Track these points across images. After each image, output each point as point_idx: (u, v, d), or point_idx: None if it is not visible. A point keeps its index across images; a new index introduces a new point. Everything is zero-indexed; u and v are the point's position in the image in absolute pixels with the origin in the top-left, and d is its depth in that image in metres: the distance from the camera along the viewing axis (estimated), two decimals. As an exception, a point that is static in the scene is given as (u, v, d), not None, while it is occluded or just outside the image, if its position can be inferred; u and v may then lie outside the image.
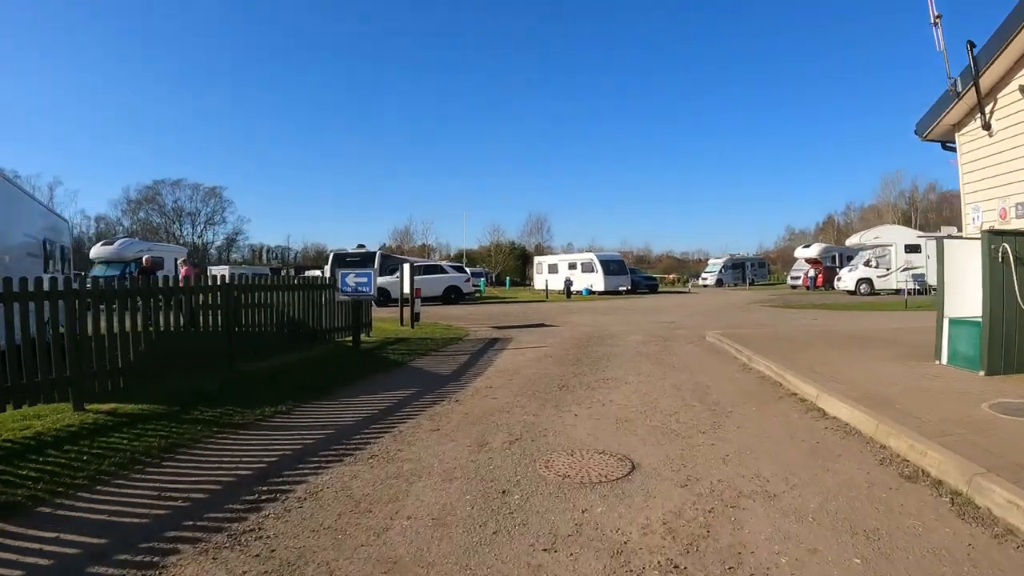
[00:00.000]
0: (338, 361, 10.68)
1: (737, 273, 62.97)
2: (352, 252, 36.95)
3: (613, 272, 42.72)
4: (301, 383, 8.50)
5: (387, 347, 12.77)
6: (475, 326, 17.90)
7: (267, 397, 7.46)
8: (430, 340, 13.87)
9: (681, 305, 28.38)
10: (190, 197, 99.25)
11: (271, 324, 11.12)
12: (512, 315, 22.42)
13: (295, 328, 11.84)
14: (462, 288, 31.67)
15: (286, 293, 11.69)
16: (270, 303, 11.16)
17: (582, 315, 22.33)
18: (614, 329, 16.32)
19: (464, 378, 9.06)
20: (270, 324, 11.08)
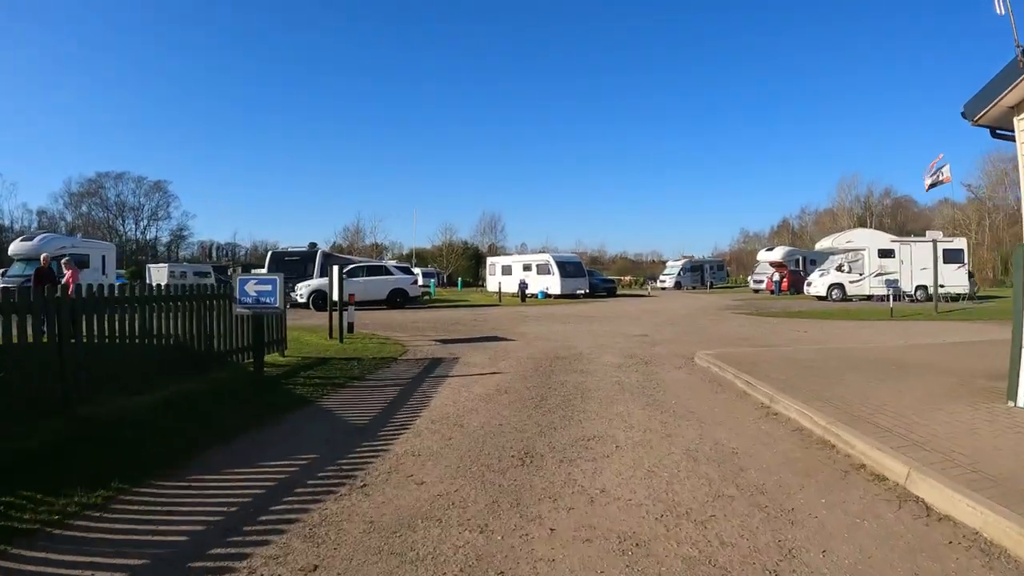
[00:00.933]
0: (226, 398, 7.95)
1: (696, 276, 62.18)
2: (291, 251, 33.95)
3: (570, 274, 40.55)
4: (157, 438, 5.88)
5: (299, 373, 10.07)
6: (417, 339, 15.30)
7: (89, 470, 4.84)
8: (357, 362, 11.21)
9: (646, 311, 26.23)
10: (134, 191, 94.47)
11: (139, 347, 8.41)
12: (462, 324, 19.86)
13: (177, 352, 9.12)
14: (408, 291, 28.98)
15: (163, 307, 8.97)
16: (140, 320, 8.47)
17: (540, 324, 19.92)
18: (580, 345, 13.92)
19: (384, 433, 6.43)
20: (137, 347, 8.37)
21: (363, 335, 16.09)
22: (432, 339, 15.29)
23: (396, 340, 14.88)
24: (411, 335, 16.31)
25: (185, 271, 64.23)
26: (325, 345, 13.62)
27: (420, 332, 17.17)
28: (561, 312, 26.09)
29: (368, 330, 17.63)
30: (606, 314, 24.70)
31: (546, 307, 30.47)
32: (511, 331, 17.33)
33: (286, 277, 27.25)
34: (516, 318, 22.46)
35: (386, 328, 18.38)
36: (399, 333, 16.79)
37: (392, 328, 18.38)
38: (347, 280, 28.11)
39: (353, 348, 13.08)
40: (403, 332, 17.11)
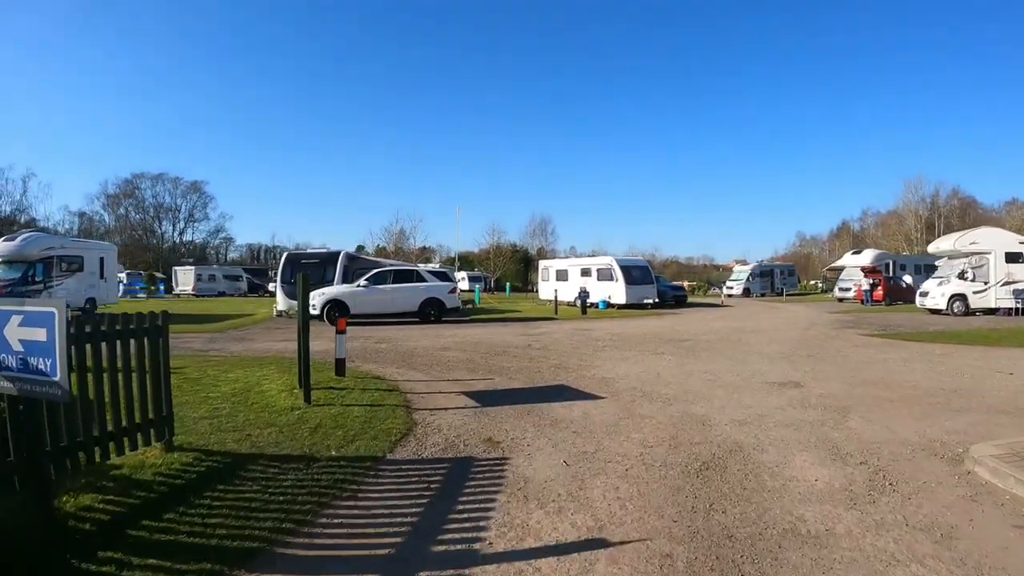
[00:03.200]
0: None
1: (765, 282, 56.31)
2: (309, 252, 28.68)
3: (636, 281, 34.48)
4: None
5: (139, 523, 4.34)
6: (438, 393, 9.49)
7: None
8: (302, 469, 5.56)
9: (746, 331, 19.92)
10: (170, 192, 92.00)
11: None
12: (511, 355, 13.98)
13: None
14: (445, 302, 23.35)
15: None
16: None
17: (624, 355, 13.94)
18: (717, 415, 7.95)
19: None
20: None
21: (359, 376, 10.58)
22: (462, 392, 9.45)
23: (403, 395, 9.10)
24: (431, 380, 10.59)
25: (214, 274, 60.37)
26: (277, 409, 7.95)
27: (447, 372, 11.43)
28: (640, 331, 20.08)
29: (374, 365, 12.12)
30: (701, 335, 18.62)
31: (616, 322, 24.48)
32: (588, 374, 11.36)
33: None
34: (585, 343, 16.56)
35: (401, 362, 12.76)
36: (415, 375, 11.11)
37: (410, 362, 12.74)
38: (368, 289, 22.73)
39: (320, 420, 7.38)
40: (422, 372, 11.42)
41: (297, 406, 8.09)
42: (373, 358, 13.35)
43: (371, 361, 12.87)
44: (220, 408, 8.00)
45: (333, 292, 22.66)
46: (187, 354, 14.24)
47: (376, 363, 12.57)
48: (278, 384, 9.60)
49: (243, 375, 10.70)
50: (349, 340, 16.80)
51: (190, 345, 16.23)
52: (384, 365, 12.28)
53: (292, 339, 17.28)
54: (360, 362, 12.69)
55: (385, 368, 11.84)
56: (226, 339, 17.84)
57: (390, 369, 11.72)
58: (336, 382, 9.97)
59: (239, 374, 10.81)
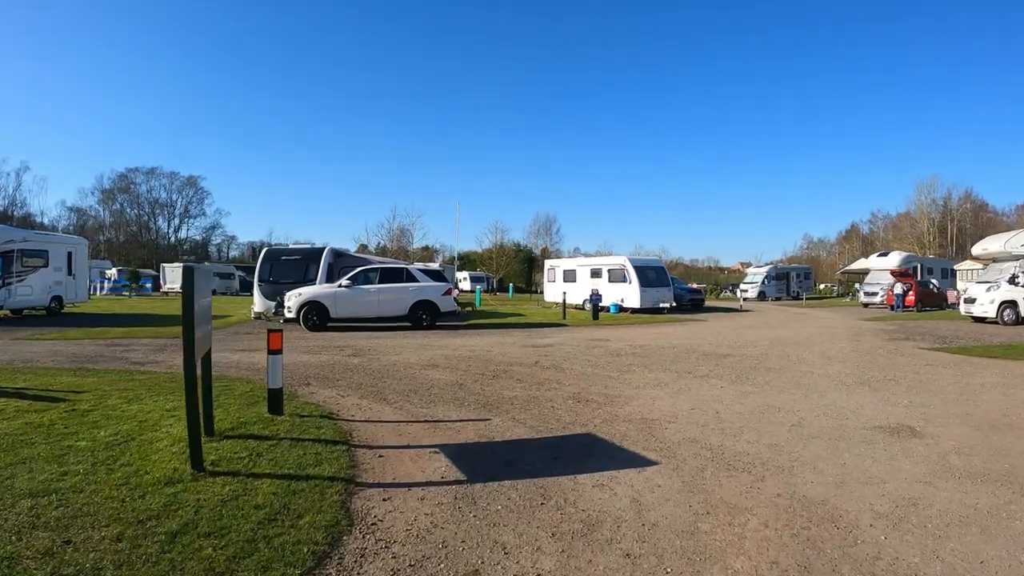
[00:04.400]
0: None
1: (781, 284, 54.04)
2: (291, 248, 25.69)
3: (651, 283, 31.54)
4: None
5: None
6: (412, 432, 6.66)
7: None
8: None
9: (789, 343, 16.79)
10: (166, 187, 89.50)
11: None
12: (514, 379, 10.96)
13: None
14: (439, 305, 20.37)
15: None
16: None
17: (659, 379, 10.96)
18: (858, 504, 5.00)
19: None
20: None
21: (303, 414, 7.60)
22: (442, 446, 6.41)
23: (351, 452, 6.09)
24: (402, 420, 7.61)
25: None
26: (148, 482, 4.95)
27: (427, 405, 8.43)
28: (666, 342, 17.03)
29: (332, 392, 9.19)
30: (739, 348, 15.55)
31: (634, 329, 21.45)
32: (621, 411, 8.36)
33: (283, 282, 17.72)
34: (605, 359, 13.54)
35: (371, 386, 9.78)
36: (383, 410, 8.11)
37: (382, 387, 9.74)
38: (351, 289, 19.68)
39: (194, 515, 4.36)
40: (393, 405, 8.40)
41: (180, 475, 5.12)
42: (337, 379, 10.39)
43: (332, 385, 9.90)
44: (69, 473, 5.11)
45: (310, 293, 19.71)
46: (114, 369, 11.43)
47: (337, 388, 9.60)
48: (179, 428, 6.64)
49: (146, 409, 7.74)
50: (320, 351, 13.98)
51: (128, 355, 13.40)
52: (346, 392, 9.31)
53: (252, 349, 14.42)
54: (317, 386, 9.74)
55: (346, 398, 8.87)
56: (177, 347, 14.91)
57: (351, 400, 8.75)
58: (265, 424, 7.02)
59: (143, 407, 7.85)
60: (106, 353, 13.89)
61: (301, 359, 12.90)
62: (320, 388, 9.60)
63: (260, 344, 15.64)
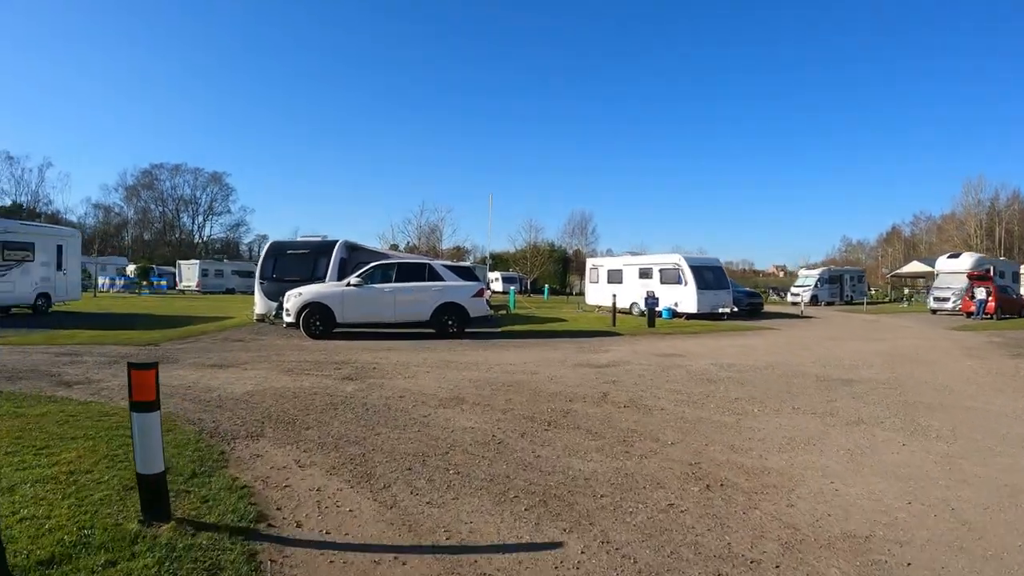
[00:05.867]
0: None
1: (834, 288, 50.01)
2: (299, 242, 21.98)
3: (710, 284, 27.58)
4: None
5: None
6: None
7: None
8: None
9: (909, 358, 12.66)
10: (190, 183, 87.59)
11: None
12: (578, 419, 7.33)
13: None
14: (468, 308, 16.67)
15: None
16: None
17: (805, 429, 7.12)
18: None
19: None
20: None
21: (213, 506, 4.01)
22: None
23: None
24: (390, 538, 3.98)
25: (222, 269, 54.60)
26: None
27: (440, 496, 4.76)
28: (759, 360, 13.03)
29: (289, 453, 5.53)
30: (855, 369, 11.54)
31: (704, 341, 17.46)
32: (796, 516, 4.57)
33: (288, 280, 17.74)
34: (700, 390, 9.61)
35: (354, 444, 6.08)
36: (359, 506, 4.43)
37: (366, 449, 6.00)
38: (363, 288, 15.90)
39: None
40: (378, 496, 4.70)
41: None
42: (307, 426, 6.74)
43: (295, 438, 6.24)
44: None
45: (312, 293, 16.18)
46: (23, 393, 8.17)
47: (300, 447, 5.95)
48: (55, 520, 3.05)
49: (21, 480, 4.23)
50: (307, 370, 10.15)
51: (65, 371, 10.17)
52: (312, 456, 5.66)
53: (229, 364, 10.91)
54: (270, 440, 6.13)
55: (305, 472, 5.23)
56: (147, 358, 11.40)
57: (312, 478, 5.07)
58: (115, 553, 3.43)
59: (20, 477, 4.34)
60: (43, 366, 10.66)
61: (274, 383, 9.32)
62: (272, 446, 5.97)
63: (245, 357, 12.25)
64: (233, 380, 9.51)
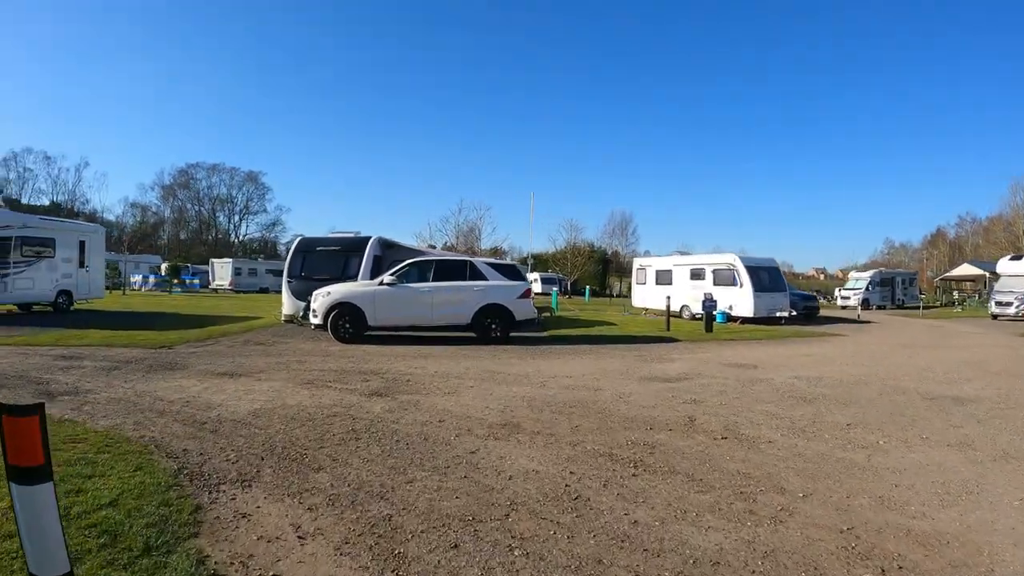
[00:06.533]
0: None
1: (885, 291, 47.87)
2: (329, 238, 20.39)
3: (766, 287, 25.64)
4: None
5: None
6: None
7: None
8: None
9: (995, 371, 10.86)
10: (226, 182, 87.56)
11: None
12: (665, 451, 5.61)
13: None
14: (512, 310, 15.00)
15: None
16: None
17: (951, 468, 5.22)
18: None
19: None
20: None
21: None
22: None
23: None
24: None
25: (256, 268, 53.75)
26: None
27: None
28: (835, 369, 10.95)
29: (286, 511, 3.80)
30: (957, 384, 9.60)
31: (769, 348, 15.51)
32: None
33: (317, 278, 16.70)
34: (800, 414, 7.72)
35: (372, 503, 4.38)
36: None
37: (395, 508, 4.33)
38: (397, 288, 14.81)
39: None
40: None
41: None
42: (319, 466, 5.11)
43: (301, 486, 4.60)
44: None
45: (342, 292, 14.68)
46: None
47: (305, 500, 4.31)
48: None
49: None
50: (328, 382, 8.84)
51: (57, 378, 8.83)
52: (317, 517, 4.02)
53: (241, 372, 9.39)
54: (266, 486, 4.55)
55: (304, 545, 3.61)
56: (131, 369, 10.05)
57: (311, 563, 3.41)
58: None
59: None
60: (34, 371, 9.40)
61: (288, 399, 7.76)
62: (268, 498, 4.37)
63: (262, 363, 10.82)
64: (241, 394, 7.99)
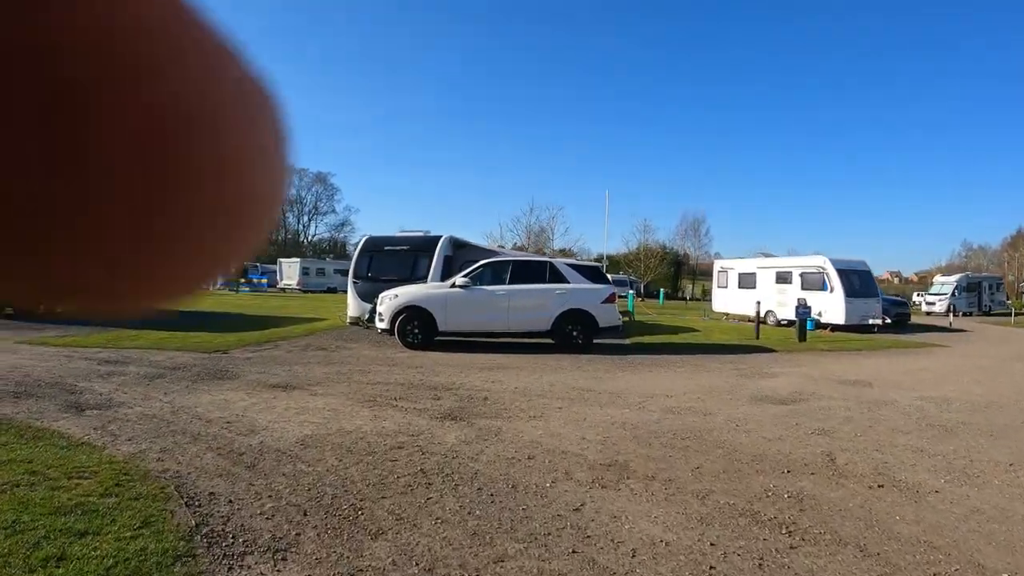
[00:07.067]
0: None
1: (972, 297, 45.94)
2: (398, 237, 19.24)
3: (857, 291, 23.40)
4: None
5: None
6: None
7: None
8: None
9: None
10: (295, 183, 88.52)
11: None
12: (828, 521, 4.01)
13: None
14: (596, 316, 13.56)
15: None
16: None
17: None
18: None
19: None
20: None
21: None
22: None
23: None
24: None
25: (324, 268, 53.72)
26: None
27: None
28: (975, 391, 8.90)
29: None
30: None
31: (875, 360, 13.48)
32: None
33: (385, 279, 15.96)
34: (965, 462, 6.00)
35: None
36: None
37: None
38: (470, 290, 13.60)
39: None
40: None
41: None
42: (377, 528, 3.82)
43: (346, 568, 3.35)
44: None
45: (410, 295, 13.53)
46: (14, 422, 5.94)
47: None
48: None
49: None
50: (394, 399, 7.79)
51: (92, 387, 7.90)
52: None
53: (304, 383, 8.29)
54: (312, 553, 3.24)
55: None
56: (176, 377, 9.08)
57: None
58: None
59: None
60: (72, 377, 8.50)
61: (345, 422, 6.53)
62: None
63: (320, 373, 9.73)
64: (292, 414, 6.82)
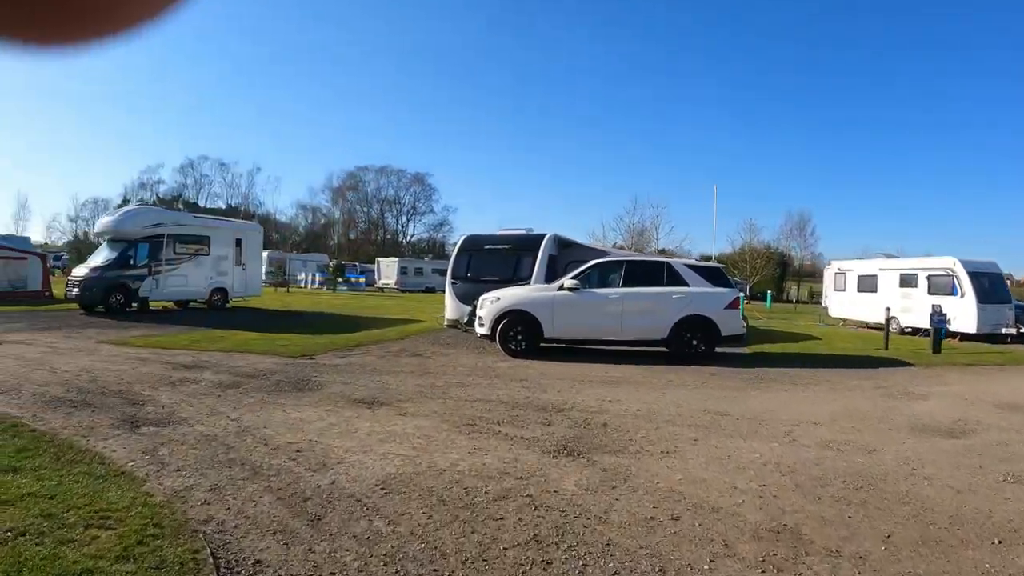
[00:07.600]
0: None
1: None
2: (498, 236, 18.10)
3: (989, 297, 20.67)
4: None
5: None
6: None
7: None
8: None
9: None
10: (394, 184, 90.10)
11: None
12: None
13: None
14: (719, 323, 12.13)
15: None
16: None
17: None
18: None
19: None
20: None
21: None
22: None
23: None
24: None
25: (422, 267, 53.83)
26: None
27: None
28: None
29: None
30: None
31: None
32: None
33: (485, 280, 15.57)
34: None
35: None
36: None
37: None
38: (579, 293, 12.50)
39: None
40: None
41: None
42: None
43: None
44: None
45: (514, 298, 12.56)
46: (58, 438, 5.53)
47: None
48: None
49: None
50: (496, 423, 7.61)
51: (158, 398, 7.47)
52: None
53: (393, 399, 7.32)
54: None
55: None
56: (256, 387, 8.34)
57: None
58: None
59: None
60: (139, 384, 8.21)
61: (437, 456, 5.50)
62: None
63: (411, 386, 8.96)
64: (375, 442, 5.85)
